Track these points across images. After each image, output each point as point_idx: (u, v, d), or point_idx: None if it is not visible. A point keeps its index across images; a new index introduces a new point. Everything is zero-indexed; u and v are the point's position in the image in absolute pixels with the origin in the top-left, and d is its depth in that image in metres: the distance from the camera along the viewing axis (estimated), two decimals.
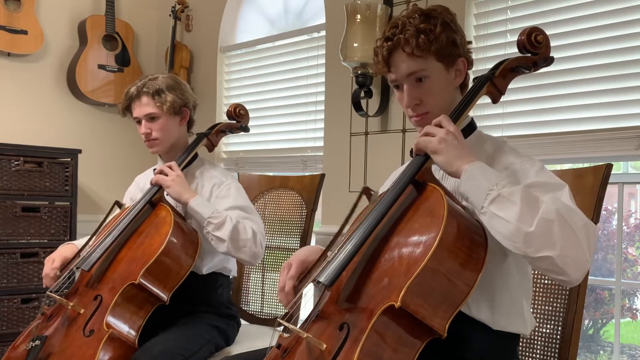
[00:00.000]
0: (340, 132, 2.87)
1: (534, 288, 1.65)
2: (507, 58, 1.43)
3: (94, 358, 1.71)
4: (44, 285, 2.03)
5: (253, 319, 2.42)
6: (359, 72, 2.57)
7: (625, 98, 2.09)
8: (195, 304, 2.06)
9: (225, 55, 3.64)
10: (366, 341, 1.18)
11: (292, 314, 1.41)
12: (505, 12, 2.40)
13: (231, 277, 2.20)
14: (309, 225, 2.34)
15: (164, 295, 1.89)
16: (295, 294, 1.44)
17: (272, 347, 1.44)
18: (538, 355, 1.63)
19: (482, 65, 2.40)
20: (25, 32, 3.41)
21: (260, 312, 2.42)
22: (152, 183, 2.04)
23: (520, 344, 1.58)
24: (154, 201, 2.02)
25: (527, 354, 1.65)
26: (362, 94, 2.65)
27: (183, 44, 3.75)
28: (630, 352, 4.40)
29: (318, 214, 2.56)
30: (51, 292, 1.96)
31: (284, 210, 2.43)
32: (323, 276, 1.31)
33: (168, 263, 1.90)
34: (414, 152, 1.38)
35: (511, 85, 1.46)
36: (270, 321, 2.36)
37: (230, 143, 3.58)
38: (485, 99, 1.46)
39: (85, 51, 3.61)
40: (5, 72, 3.45)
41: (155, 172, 2.06)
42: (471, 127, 1.48)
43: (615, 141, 2.09)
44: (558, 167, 2.38)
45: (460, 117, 1.39)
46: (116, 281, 1.87)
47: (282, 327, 1.42)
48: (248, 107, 2.24)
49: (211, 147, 2.17)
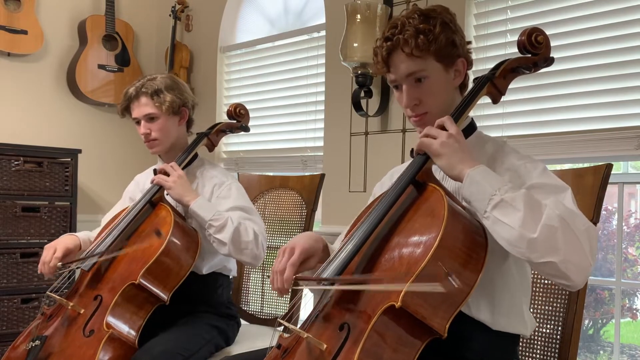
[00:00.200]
0: (340, 132, 2.87)
1: (534, 288, 1.65)
2: (507, 58, 1.43)
3: (94, 358, 1.71)
4: (38, 271, 1.99)
5: (253, 319, 2.42)
6: (359, 72, 2.57)
7: (625, 98, 2.09)
8: (196, 304, 2.06)
9: (225, 55, 3.64)
10: (366, 341, 1.18)
11: (292, 314, 1.40)
12: (505, 12, 2.40)
13: (231, 277, 2.20)
14: (309, 225, 2.34)
15: (164, 296, 1.89)
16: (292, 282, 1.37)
17: (272, 347, 1.44)
18: (538, 355, 1.63)
19: (482, 65, 2.40)
20: (25, 32, 3.41)
21: (260, 312, 2.42)
22: (154, 184, 2.04)
23: (520, 344, 1.58)
24: (154, 201, 2.02)
25: (527, 354, 1.65)
26: (362, 94, 2.65)
27: (183, 44, 3.75)
28: (630, 352, 4.39)
29: (318, 214, 2.56)
30: (51, 292, 1.95)
31: (284, 210, 2.43)
32: (324, 275, 1.31)
33: (168, 263, 1.90)
34: (414, 152, 1.38)
35: (511, 86, 1.46)
36: (270, 321, 2.36)
37: (230, 143, 3.58)
38: (485, 99, 1.46)
39: (85, 51, 3.61)
40: (5, 72, 3.45)
41: (154, 177, 2.05)
42: (471, 128, 1.48)
43: (615, 141, 2.09)
44: (558, 167, 2.37)
45: (461, 117, 1.39)
46: (116, 281, 1.87)
47: (282, 327, 1.41)
48: (248, 107, 2.24)
49: (211, 147, 2.17)
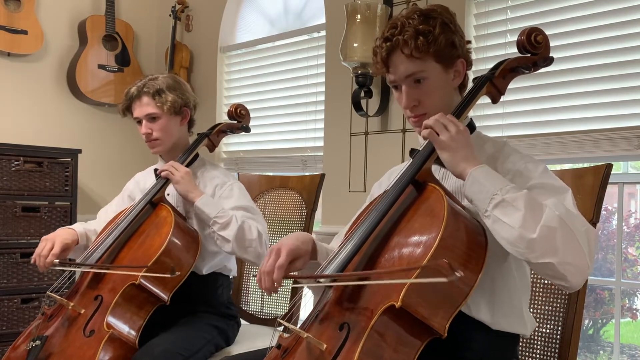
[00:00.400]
0: (340, 132, 2.87)
1: (534, 288, 1.65)
2: (506, 58, 1.43)
3: (94, 358, 1.71)
4: (32, 261, 1.99)
5: (253, 319, 2.42)
6: (359, 72, 2.57)
7: (625, 98, 2.09)
8: (196, 304, 2.06)
9: (225, 55, 3.64)
10: (366, 341, 1.18)
11: (292, 314, 1.40)
12: (505, 12, 2.40)
13: (231, 277, 2.20)
14: (309, 225, 2.34)
15: (164, 296, 1.89)
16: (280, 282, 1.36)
17: (272, 347, 1.44)
18: (538, 355, 1.63)
19: (482, 65, 2.40)
20: (25, 32, 3.41)
21: (260, 312, 2.42)
22: (161, 176, 2.03)
23: (520, 344, 1.58)
24: (154, 201, 2.02)
25: (527, 354, 1.65)
26: (362, 94, 2.65)
27: (183, 44, 3.75)
28: (630, 352, 4.39)
29: (318, 214, 2.56)
30: (51, 292, 1.95)
31: (284, 210, 2.43)
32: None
33: (168, 263, 1.89)
34: (421, 133, 1.37)
35: (511, 85, 1.46)
36: (270, 321, 2.36)
37: (231, 143, 3.58)
38: (485, 99, 1.46)
39: (85, 51, 3.61)
40: (5, 72, 3.45)
41: (162, 168, 2.05)
42: (471, 128, 1.47)
43: (615, 141, 2.09)
44: (558, 167, 2.37)
45: (460, 117, 1.39)
46: (117, 281, 1.87)
47: (282, 327, 1.42)
48: (248, 107, 2.24)
49: (212, 147, 2.17)
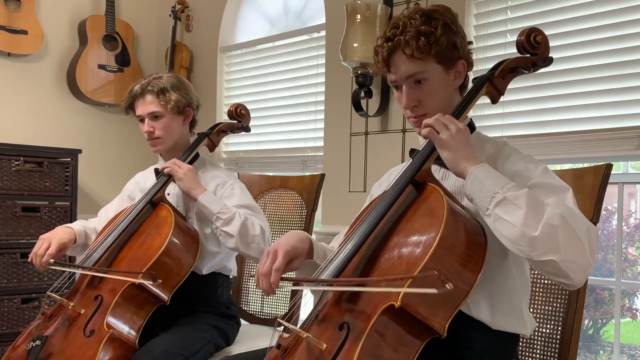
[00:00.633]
0: (340, 132, 2.87)
1: (534, 288, 1.65)
2: (506, 58, 1.43)
3: (94, 358, 1.71)
4: (29, 259, 2.00)
5: (253, 319, 2.42)
6: (359, 72, 2.57)
7: (625, 98, 2.09)
8: (196, 304, 2.06)
9: (225, 55, 3.64)
10: (366, 341, 1.18)
11: (292, 313, 1.41)
12: (505, 12, 2.40)
13: (231, 277, 2.20)
14: (309, 225, 2.34)
15: (164, 296, 1.88)
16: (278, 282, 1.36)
17: (272, 347, 1.44)
18: (538, 355, 1.63)
19: (482, 65, 2.40)
20: (25, 32, 3.41)
21: (260, 312, 2.42)
22: (164, 172, 2.02)
23: (520, 344, 1.58)
24: (154, 201, 2.02)
25: (527, 354, 1.65)
26: (362, 94, 2.65)
27: (183, 44, 3.75)
28: (630, 352, 4.40)
29: (318, 214, 2.56)
30: (51, 292, 1.95)
31: (284, 210, 2.43)
32: (323, 276, 1.32)
33: (169, 263, 1.89)
34: (421, 132, 1.37)
35: (511, 85, 1.46)
36: (270, 321, 2.36)
37: (231, 143, 3.58)
38: (485, 99, 1.46)
39: (85, 51, 3.61)
40: (5, 72, 3.45)
41: (164, 165, 2.05)
42: (470, 128, 1.47)
43: (615, 141, 2.09)
44: (558, 167, 2.38)
45: (460, 117, 1.39)
46: (117, 281, 1.87)
47: (282, 327, 1.42)
48: (248, 107, 2.24)
49: (212, 147, 2.17)
